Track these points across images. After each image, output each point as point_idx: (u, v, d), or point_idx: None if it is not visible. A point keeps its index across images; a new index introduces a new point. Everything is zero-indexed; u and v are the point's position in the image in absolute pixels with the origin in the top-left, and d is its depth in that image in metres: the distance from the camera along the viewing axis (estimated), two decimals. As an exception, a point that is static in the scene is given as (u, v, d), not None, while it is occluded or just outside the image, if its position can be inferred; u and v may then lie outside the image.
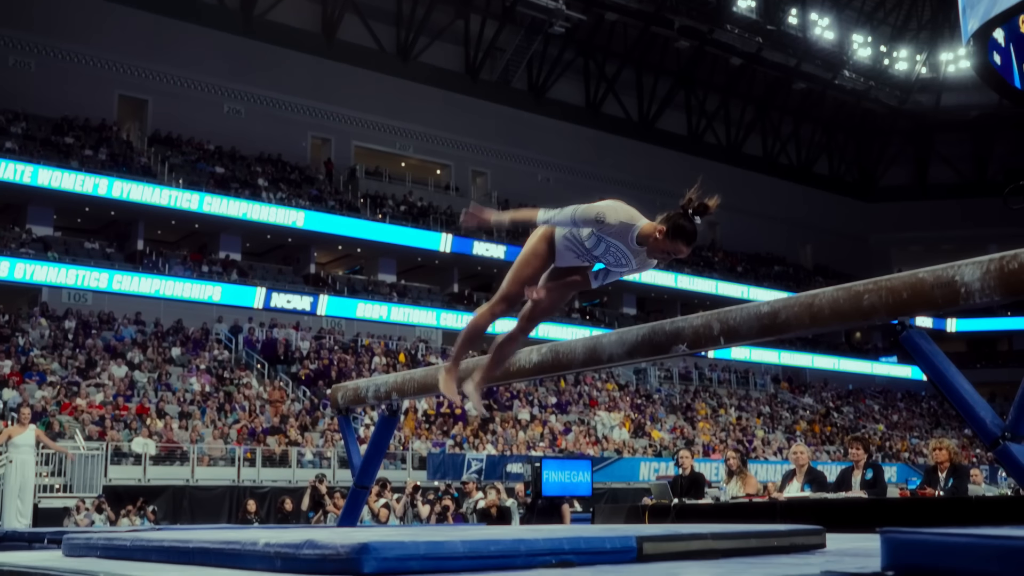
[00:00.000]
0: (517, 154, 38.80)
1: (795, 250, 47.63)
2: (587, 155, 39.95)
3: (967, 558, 2.44)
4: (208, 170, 29.87)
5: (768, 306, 4.16)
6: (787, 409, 36.51)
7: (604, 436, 26.27)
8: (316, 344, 27.81)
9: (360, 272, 34.25)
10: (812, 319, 4.00)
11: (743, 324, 4.23)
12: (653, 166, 41.58)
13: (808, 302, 4.03)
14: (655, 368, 34.90)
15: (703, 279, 38.75)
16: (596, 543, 3.33)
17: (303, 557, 3.04)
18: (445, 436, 23.69)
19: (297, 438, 21.35)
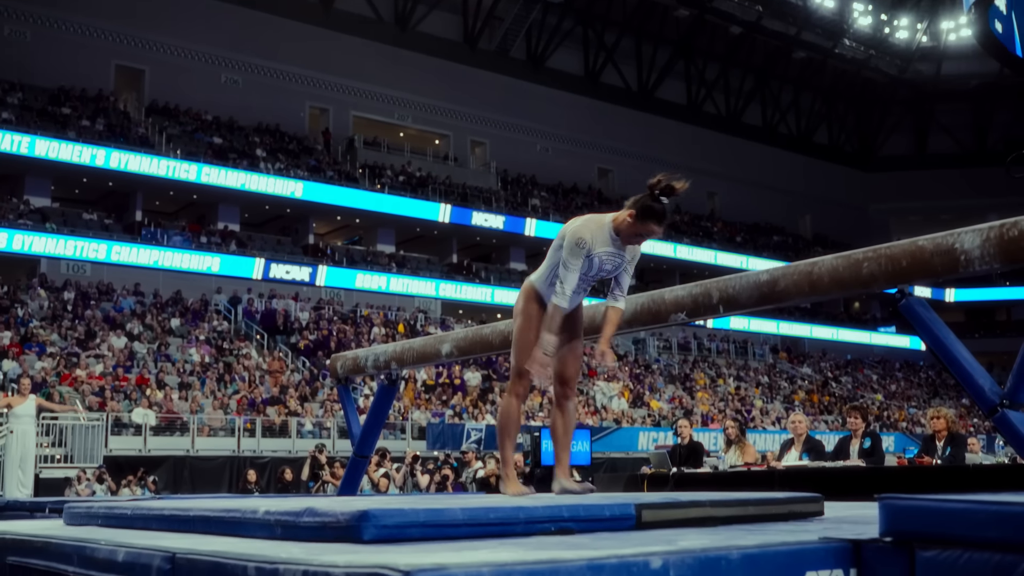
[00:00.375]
0: (516, 124, 38.67)
1: (794, 220, 47.58)
2: (586, 125, 39.82)
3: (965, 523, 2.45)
4: (206, 140, 29.77)
5: (767, 274, 4.16)
6: (785, 379, 36.61)
7: (603, 406, 26.36)
8: (315, 315, 27.82)
9: (359, 242, 34.22)
10: (811, 287, 4.00)
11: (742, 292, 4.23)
12: (652, 136, 41.50)
13: (807, 270, 4.02)
14: (654, 338, 34.95)
15: (702, 249, 38.74)
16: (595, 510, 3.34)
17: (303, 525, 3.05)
18: (444, 406, 23.75)
19: (297, 408, 21.41)
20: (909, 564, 2.53)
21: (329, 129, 34.62)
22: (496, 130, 38.50)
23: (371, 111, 35.83)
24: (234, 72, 32.69)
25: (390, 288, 30.92)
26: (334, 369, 7.61)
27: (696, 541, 2.67)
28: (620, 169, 41.16)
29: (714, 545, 2.53)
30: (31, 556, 3.87)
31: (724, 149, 43.81)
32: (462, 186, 34.64)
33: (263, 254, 28.93)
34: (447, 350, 6.35)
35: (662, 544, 2.55)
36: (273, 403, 21.34)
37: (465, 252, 35.63)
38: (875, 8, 43.68)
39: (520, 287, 4.57)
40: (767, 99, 46.26)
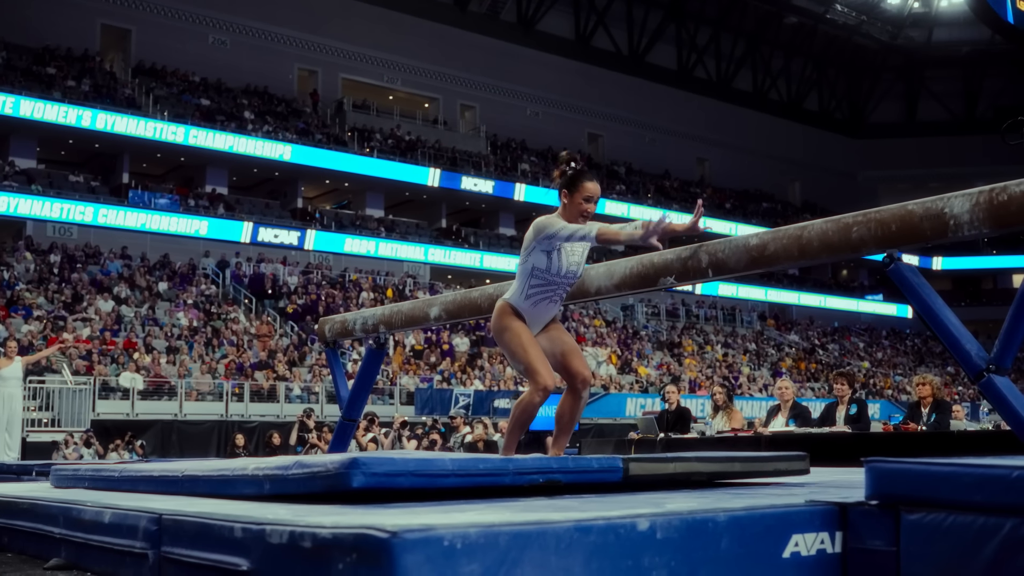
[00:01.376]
0: (506, 88, 38.47)
1: (784, 187, 47.59)
2: (577, 89, 39.65)
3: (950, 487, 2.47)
4: (193, 102, 29.54)
5: (757, 238, 4.15)
6: (773, 346, 36.77)
7: (592, 372, 26.48)
8: (304, 279, 27.78)
9: (348, 207, 34.11)
10: (801, 251, 4.00)
11: (731, 256, 4.23)
12: (643, 101, 41.36)
13: (797, 234, 4.02)
14: (643, 304, 35.02)
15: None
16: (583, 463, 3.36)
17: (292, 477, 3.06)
18: (433, 371, 23.80)
19: (285, 373, 21.41)
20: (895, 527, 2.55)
21: (318, 91, 34.39)
22: (486, 94, 38.31)
23: (360, 73, 35.59)
24: (222, 33, 32.39)
25: (379, 253, 30.87)
26: (322, 333, 7.61)
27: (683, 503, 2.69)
28: (610, 134, 41.03)
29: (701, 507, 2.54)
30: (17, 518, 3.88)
31: (714, 115, 43.71)
32: (451, 150, 34.51)
33: (251, 218, 28.82)
34: (436, 313, 6.35)
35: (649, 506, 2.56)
36: (261, 367, 21.35)
37: (454, 217, 35.55)
38: (868, -27, 43.50)
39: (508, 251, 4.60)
40: (758, 64, 46.11)
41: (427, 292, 28.67)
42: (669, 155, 42.03)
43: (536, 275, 4.43)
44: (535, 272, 4.42)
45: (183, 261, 26.47)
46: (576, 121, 40.07)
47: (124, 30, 30.86)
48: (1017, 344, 3.66)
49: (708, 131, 43.22)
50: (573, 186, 4.39)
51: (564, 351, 4.53)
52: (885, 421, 10.56)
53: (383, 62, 35.75)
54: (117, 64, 30.16)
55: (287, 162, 29.59)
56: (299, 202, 31.65)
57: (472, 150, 35.66)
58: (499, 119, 37.54)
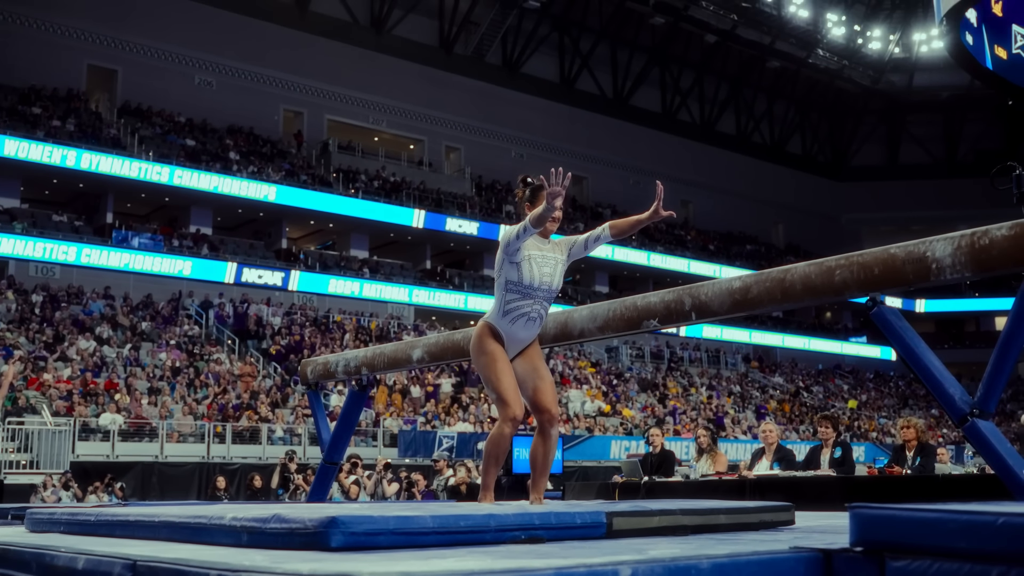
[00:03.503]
0: (491, 130, 38.69)
1: (767, 229, 47.86)
2: (561, 131, 39.91)
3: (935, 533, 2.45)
4: (178, 142, 29.57)
5: (740, 281, 4.16)
6: (757, 388, 36.77)
7: (575, 414, 26.36)
8: (287, 320, 27.69)
9: (332, 247, 34.10)
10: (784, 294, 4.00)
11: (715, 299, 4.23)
12: (627, 143, 41.64)
13: (780, 277, 4.03)
14: (627, 346, 35.01)
15: (675, 257, 38.86)
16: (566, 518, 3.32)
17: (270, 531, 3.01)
18: (416, 413, 23.68)
19: (268, 414, 21.27)
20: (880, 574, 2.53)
21: (303, 132, 34.49)
22: (471, 136, 38.49)
23: (346, 115, 35.74)
24: (208, 74, 32.52)
25: (363, 294, 30.81)
26: (304, 374, 7.59)
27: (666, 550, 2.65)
28: (595, 176, 41.25)
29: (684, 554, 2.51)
30: (-10, 563, 3.80)
31: (698, 157, 44.03)
32: (436, 192, 34.60)
33: (235, 258, 28.75)
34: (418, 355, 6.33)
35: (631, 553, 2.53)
36: (244, 409, 21.19)
37: (439, 258, 35.57)
38: (848, 19, 44.10)
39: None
40: (741, 107, 46.54)
41: (411, 333, 28.61)
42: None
43: (510, 288, 4.50)
44: (509, 286, 4.51)
45: (166, 301, 26.35)
46: (561, 163, 39.73)
47: (110, 71, 30.94)
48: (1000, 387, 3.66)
49: (692, 173, 43.50)
50: (536, 198, 4.60)
51: (537, 385, 4.56)
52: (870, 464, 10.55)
53: (368, 104, 35.93)
54: (103, 104, 30.20)
55: (272, 203, 29.59)
56: (283, 243, 31.61)
57: (457, 191, 35.77)
58: (484, 161, 37.72)
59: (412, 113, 36.88)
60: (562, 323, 4.97)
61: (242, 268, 28.40)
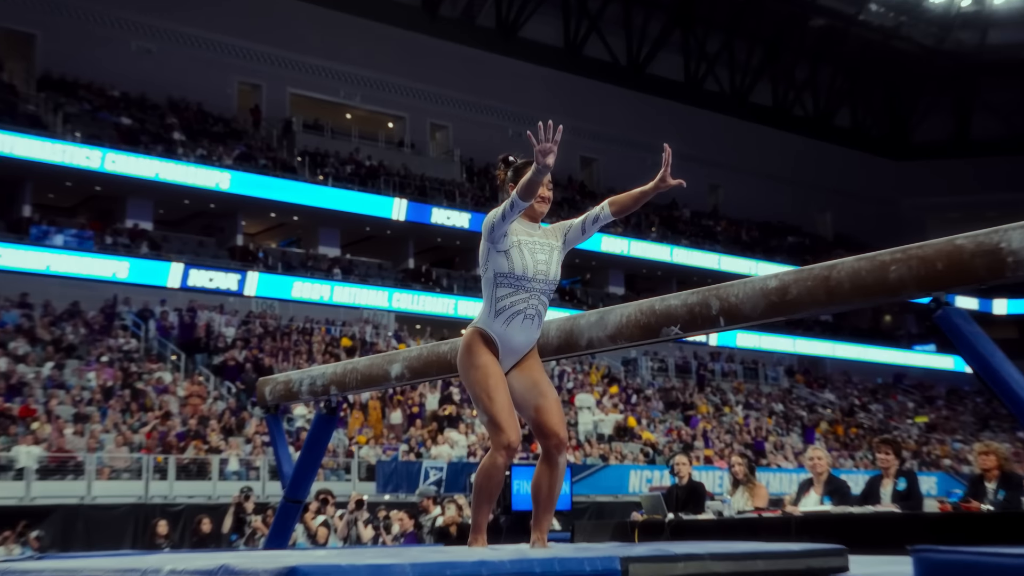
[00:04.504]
0: (483, 104, 38.70)
1: (812, 218, 47.90)
2: (566, 106, 39.85)
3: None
4: (112, 121, 29.54)
5: (776, 280, 4.12)
6: (804, 407, 36.76)
7: (586, 439, 26.35)
8: (243, 330, 27.68)
9: (297, 244, 34.08)
10: (829, 295, 3.96)
11: (747, 302, 4.20)
12: (644, 119, 41.63)
13: (824, 275, 3.99)
14: (647, 358, 35.00)
15: (703, 252, 38.90)
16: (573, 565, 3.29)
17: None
18: (398, 440, 23.65)
19: (219, 444, 21.23)
20: (949, 632, 2.49)
21: (261, 109, 34.47)
22: (460, 111, 38.50)
23: (312, 88, 35.74)
24: (147, 39, 32.50)
25: (334, 299, 30.82)
26: (262, 396, 7.57)
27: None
28: (606, 158, 41.29)
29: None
30: None
31: (729, 134, 44.04)
32: (420, 177, 34.58)
33: (181, 258, 28.73)
34: (397, 371, 6.30)
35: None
36: (190, 438, 21.15)
37: (424, 256, 35.55)
38: (907, -33, 44.08)
39: None
40: (779, 75, 46.57)
41: (392, 345, 28.58)
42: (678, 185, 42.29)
43: (501, 282, 4.51)
44: (499, 279, 4.51)
45: (97, 310, 26.31)
46: (566, 143, 39.53)
47: (27, 35, 30.89)
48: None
49: (722, 153, 43.52)
50: (519, 176, 4.60)
51: (539, 404, 4.55)
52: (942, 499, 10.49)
53: (339, 75, 35.93)
54: (18, 76, 30.14)
55: (224, 192, 29.58)
56: (239, 239, 31.61)
57: (444, 177, 35.77)
58: (476, 141, 37.69)
59: (391, 85, 36.89)
60: (566, 331, 4.93)
61: (189, 270, 28.39)
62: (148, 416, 21.74)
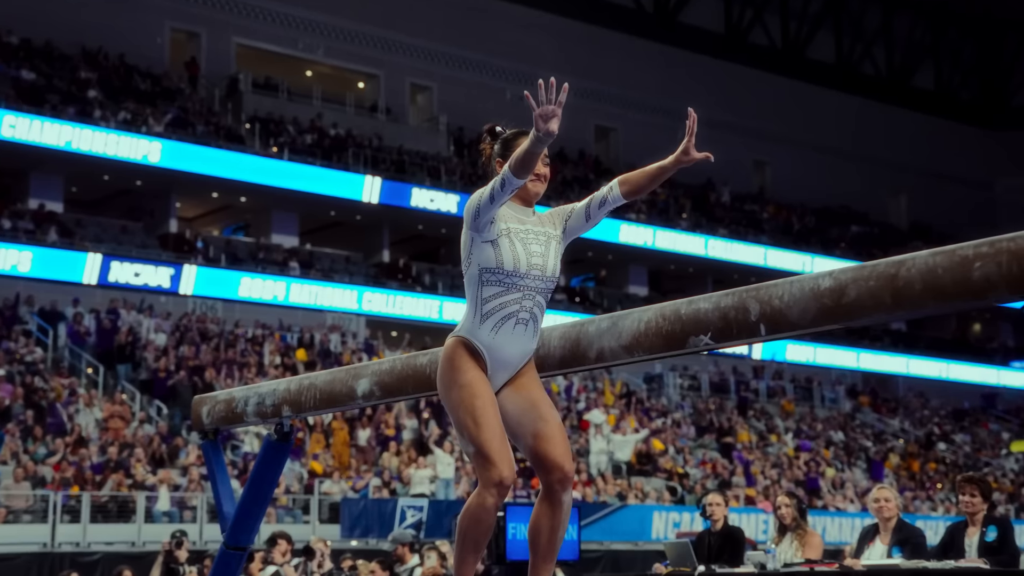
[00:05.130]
0: (475, 60, 38.68)
1: (883, 202, 47.92)
2: (578, 62, 39.81)
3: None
4: (10, 75, 29.55)
5: (831, 279, 4.12)
6: (870, 435, 36.77)
7: (600, 472, 26.35)
8: (177, 337, 27.65)
9: (245, 232, 34.09)
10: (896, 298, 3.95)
11: (794, 306, 4.19)
12: (674, 79, 41.60)
13: (891, 273, 3.98)
14: (674, 374, 34.99)
15: (745, 245, 38.86)
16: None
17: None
18: (368, 472, 23.64)
19: (146, 478, 21.21)
20: None
21: (199, 62, 34.44)
22: (446, 69, 38.49)
23: (263, 37, 35.74)
24: (56, -25, 32.48)
25: (290, 299, 30.82)
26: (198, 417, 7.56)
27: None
28: (627, 127, 41.31)
29: None
30: None
31: (779, 98, 44.03)
32: (397, 151, 34.57)
33: (99, 247, 28.70)
34: (365, 388, 6.29)
35: None
36: (110, 470, 21.15)
37: (402, 247, 35.59)
38: None
39: None
40: (843, 25, 46.53)
41: (362, 354, 28.56)
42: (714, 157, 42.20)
43: (487, 280, 4.52)
44: (484, 276, 4.52)
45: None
46: (578, 108, 40.15)
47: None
48: None
49: (770, 122, 43.53)
50: (509, 149, 4.65)
51: (539, 430, 4.55)
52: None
53: (297, 21, 35.94)
54: None
55: (154, 166, 29.53)
56: (172, 225, 31.61)
57: (427, 150, 35.76)
58: (466, 105, 37.65)
59: (361, 35, 36.90)
60: (572, 340, 4.92)
61: (109, 262, 28.36)
62: (56, 443, 21.73)
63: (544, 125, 4.21)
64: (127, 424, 23.38)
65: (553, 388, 29.00)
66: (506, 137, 4.79)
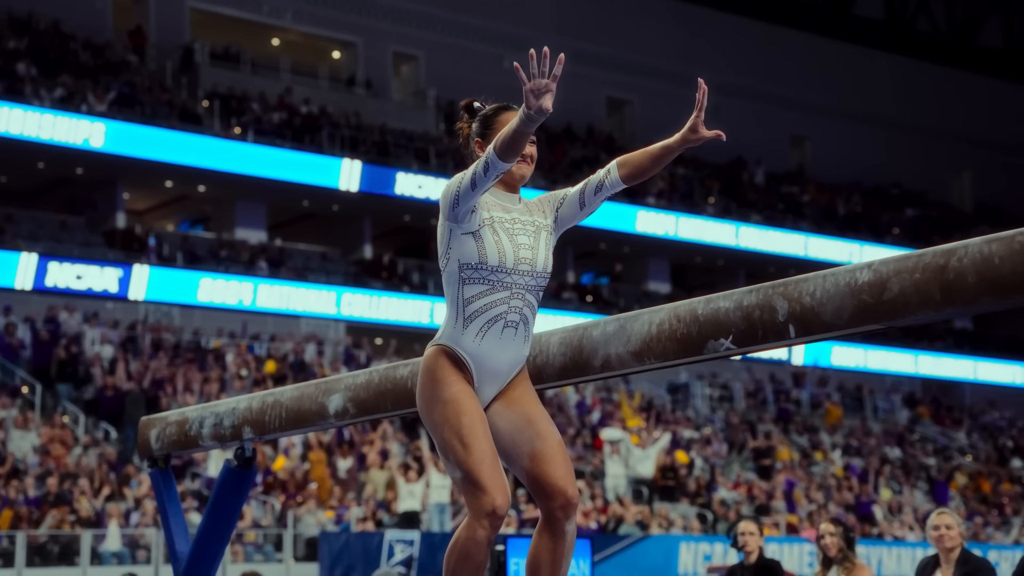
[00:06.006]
0: (468, 24, 38.67)
1: (943, 181, 47.90)
2: (586, 25, 39.91)
3: None
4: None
5: (869, 271, 4.08)
6: (931, 451, 36.72)
7: (617, 497, 26.33)
8: (128, 349, 27.64)
9: (205, 225, 34.10)
10: (945, 292, 3.92)
11: (828, 303, 4.17)
12: (696, 42, 41.57)
13: (939, 264, 3.94)
14: (702, 382, 34.93)
15: (783, 232, 38.81)
16: None
17: None
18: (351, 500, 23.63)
19: (92, 514, 21.23)
20: None
21: (146, 31, 34.42)
22: (435, 34, 38.49)
23: (221, 1, 35.74)
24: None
25: (258, 303, 30.85)
26: (146, 442, 7.57)
27: None
28: (643, 98, 41.30)
29: None
30: None
31: (820, 62, 44.01)
32: (379, 130, 34.56)
33: (34, 246, 28.73)
34: (337, 406, 6.30)
35: None
36: (50, 505, 21.15)
37: (385, 241, 35.62)
38: None
39: None
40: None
41: (341, 365, 28.53)
42: (743, 133, 42.05)
43: (469, 277, 4.57)
44: (466, 273, 4.57)
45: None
46: (587, 78, 40.16)
47: None
48: None
49: (809, 91, 43.51)
50: (489, 128, 4.75)
51: (536, 450, 4.55)
52: None
53: (261, -20, 36.02)
54: None
55: (97, 151, 29.54)
56: (120, 219, 31.61)
57: (413, 128, 35.78)
58: (457, 76, 37.58)
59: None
60: (574, 347, 4.91)
61: (46, 263, 28.34)
62: (-12, 474, 21.78)
63: (536, 101, 4.24)
64: (69, 451, 23.38)
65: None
66: (486, 114, 4.82)
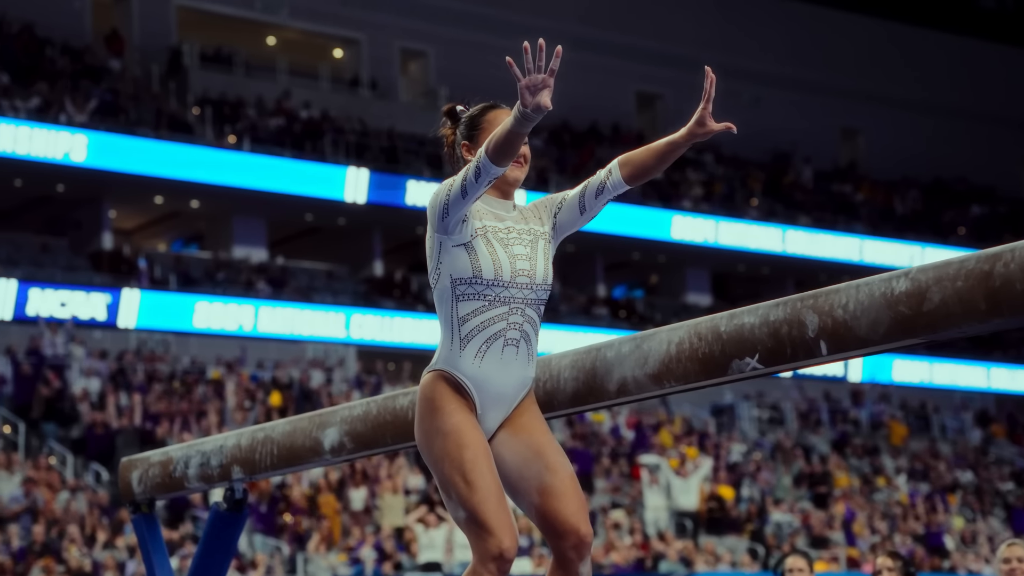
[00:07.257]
0: (481, 16, 38.69)
1: (1012, 173, 47.72)
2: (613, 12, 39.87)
3: None
4: None
5: (907, 280, 4.04)
6: (1007, 475, 36.59)
7: (658, 532, 26.29)
8: (118, 382, 27.67)
9: (200, 244, 34.19)
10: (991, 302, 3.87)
11: (862, 316, 4.13)
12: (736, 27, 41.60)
13: (983, 269, 3.90)
14: (749, 403, 34.84)
15: (834, 235, 38.73)
16: None
17: None
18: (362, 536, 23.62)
19: (83, 564, 21.26)
20: None
21: (129, 32, 34.50)
22: (446, 29, 38.53)
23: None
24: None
25: (259, 327, 30.91)
26: (127, 486, 7.57)
27: None
28: (677, 92, 41.19)
29: None
30: None
31: (872, 46, 43.94)
32: (387, 135, 34.61)
33: (13, 271, 28.83)
34: (333, 441, 6.30)
35: None
36: (36, 555, 21.20)
37: (397, 256, 35.69)
38: None
39: None
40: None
41: (352, 391, 28.50)
42: (790, 127, 42.01)
43: (463, 293, 4.54)
44: (459, 288, 4.54)
45: None
46: (615, 72, 40.22)
47: None
48: None
49: (861, 78, 43.44)
50: (477, 129, 4.86)
51: (545, 483, 4.54)
52: None
53: (255, -25, 36.13)
54: None
55: (79, 166, 29.62)
56: (106, 240, 31.69)
57: (424, 132, 35.59)
58: (471, 73, 37.39)
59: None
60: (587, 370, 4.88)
61: (27, 289, 28.44)
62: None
63: (532, 99, 4.21)
64: (56, 495, 23.43)
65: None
66: (472, 114, 4.87)
